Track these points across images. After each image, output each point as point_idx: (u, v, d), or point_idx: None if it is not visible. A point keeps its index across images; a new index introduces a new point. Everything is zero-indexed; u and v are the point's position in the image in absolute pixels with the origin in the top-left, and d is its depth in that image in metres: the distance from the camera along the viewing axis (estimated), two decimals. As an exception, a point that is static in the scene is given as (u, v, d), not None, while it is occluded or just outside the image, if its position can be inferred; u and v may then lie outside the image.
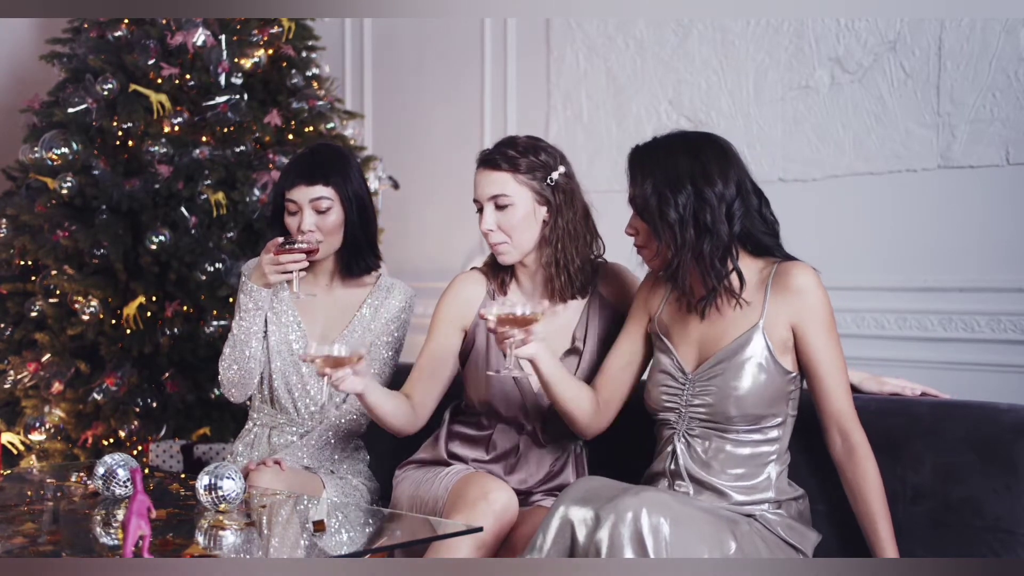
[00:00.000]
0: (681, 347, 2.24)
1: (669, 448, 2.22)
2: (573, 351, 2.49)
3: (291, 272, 2.57)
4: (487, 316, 2.11)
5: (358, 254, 2.73)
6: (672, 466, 2.21)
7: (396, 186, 4.30)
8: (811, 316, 2.15)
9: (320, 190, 2.65)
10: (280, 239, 2.59)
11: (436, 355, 2.53)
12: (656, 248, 2.20)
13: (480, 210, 2.45)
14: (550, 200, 2.42)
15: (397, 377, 2.78)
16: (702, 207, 2.13)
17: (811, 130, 3.49)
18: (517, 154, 2.41)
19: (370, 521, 2.21)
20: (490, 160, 2.43)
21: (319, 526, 2.01)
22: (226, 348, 2.71)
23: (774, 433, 2.18)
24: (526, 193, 2.41)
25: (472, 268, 2.61)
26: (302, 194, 2.65)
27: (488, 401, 2.49)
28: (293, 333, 2.74)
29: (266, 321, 2.74)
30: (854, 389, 2.35)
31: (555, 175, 2.42)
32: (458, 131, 4.47)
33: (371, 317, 2.74)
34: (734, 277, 2.16)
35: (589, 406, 2.34)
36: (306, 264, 2.59)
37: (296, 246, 2.56)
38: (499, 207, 2.41)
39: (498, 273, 2.53)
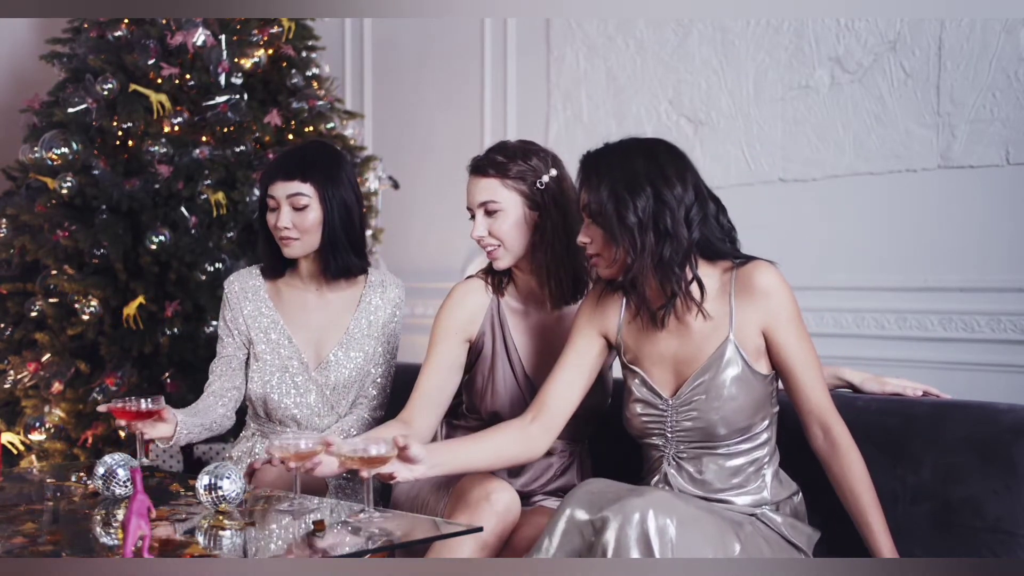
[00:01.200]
0: (654, 371, 2.21)
1: (659, 471, 2.21)
2: None
3: (143, 433, 2.37)
4: (338, 454, 2.01)
5: (335, 255, 2.64)
6: (664, 487, 2.20)
7: (396, 186, 4.30)
8: (780, 316, 2.11)
9: (297, 186, 2.58)
10: (117, 405, 2.36)
11: (440, 375, 2.46)
12: (612, 256, 2.13)
13: (473, 217, 2.44)
14: (540, 204, 2.39)
15: (400, 376, 2.78)
16: (662, 210, 2.08)
17: (811, 130, 3.49)
18: (506, 159, 2.40)
19: (370, 521, 2.21)
20: (479, 167, 2.43)
21: (319, 526, 2.01)
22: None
23: (763, 436, 2.18)
24: (515, 198, 2.39)
25: (468, 277, 2.58)
26: (280, 189, 2.59)
27: (496, 411, 2.48)
28: (284, 348, 2.69)
29: (250, 342, 2.70)
30: (855, 389, 2.35)
31: (545, 179, 2.39)
32: (458, 131, 4.47)
33: (367, 325, 2.70)
34: (694, 285, 2.12)
35: (516, 450, 2.26)
36: (143, 430, 2.35)
37: (127, 407, 2.33)
38: (489, 213, 2.40)
39: (496, 277, 2.51)
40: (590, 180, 2.14)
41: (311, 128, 3.87)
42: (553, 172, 2.41)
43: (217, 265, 3.56)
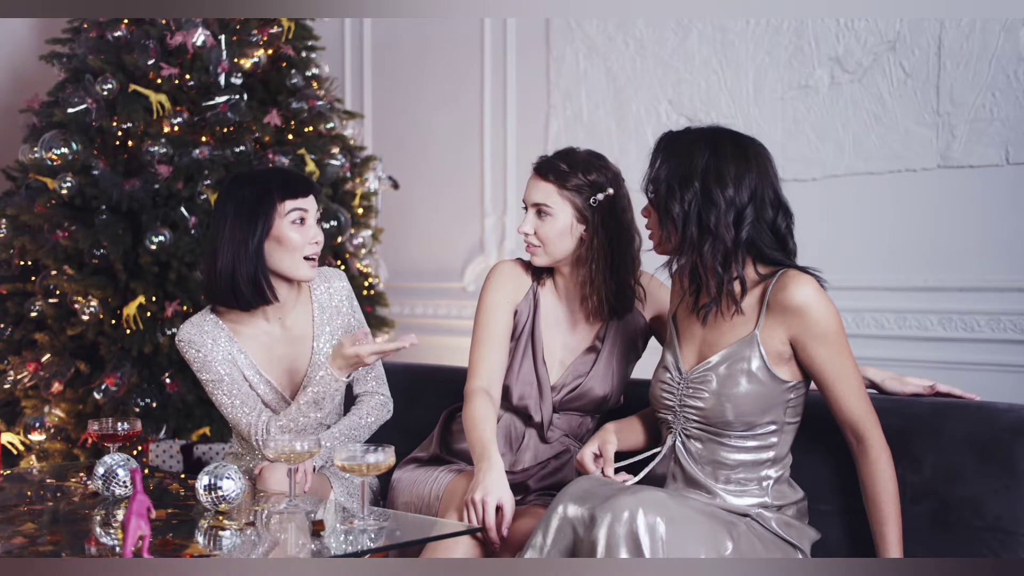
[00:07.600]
0: (685, 345, 2.24)
1: (667, 447, 2.23)
2: (592, 349, 2.53)
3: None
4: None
5: None
6: (670, 465, 2.21)
7: (396, 186, 4.30)
8: (811, 333, 2.10)
9: (312, 200, 2.57)
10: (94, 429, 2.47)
11: (503, 348, 2.49)
12: (660, 237, 2.20)
13: (527, 210, 2.50)
14: (589, 219, 2.44)
15: (401, 376, 2.78)
16: (708, 207, 2.11)
17: (811, 130, 3.49)
18: (569, 169, 2.45)
19: (370, 521, 2.21)
20: (541, 169, 2.48)
21: (319, 526, 2.01)
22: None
23: (771, 440, 2.17)
24: (567, 208, 2.44)
25: (503, 260, 2.66)
26: (309, 203, 2.54)
27: (509, 385, 2.51)
28: (262, 387, 2.58)
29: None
30: (877, 388, 2.33)
31: (600, 196, 2.44)
32: (458, 131, 4.47)
33: (328, 327, 2.62)
34: (736, 284, 2.13)
35: None
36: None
37: (104, 431, 2.48)
38: (540, 214, 2.46)
39: (538, 269, 2.56)
40: (655, 161, 2.19)
41: (311, 128, 3.87)
42: (610, 191, 2.44)
43: (217, 265, 3.56)
